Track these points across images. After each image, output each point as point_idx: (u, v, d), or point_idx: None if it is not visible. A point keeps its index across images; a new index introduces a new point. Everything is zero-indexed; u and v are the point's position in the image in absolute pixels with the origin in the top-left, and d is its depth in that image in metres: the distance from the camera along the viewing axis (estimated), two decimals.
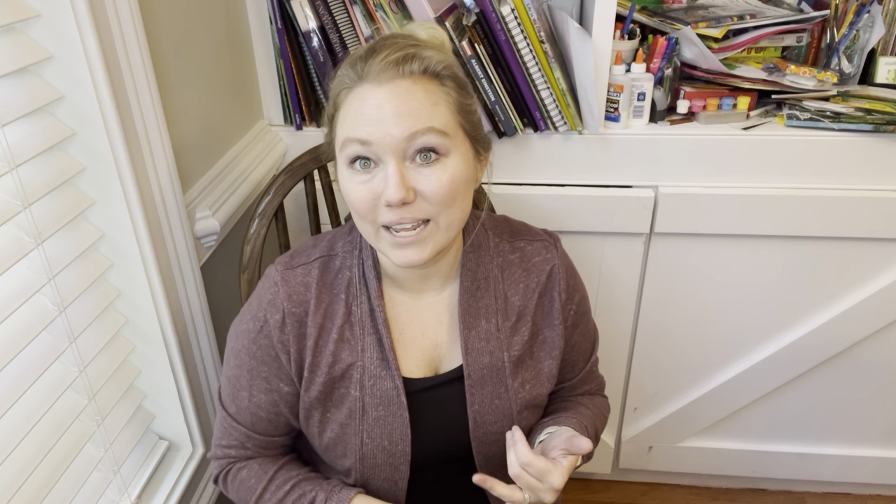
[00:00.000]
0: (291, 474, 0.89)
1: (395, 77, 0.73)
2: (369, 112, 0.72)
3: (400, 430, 0.85)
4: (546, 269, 0.90)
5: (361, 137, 0.72)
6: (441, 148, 0.74)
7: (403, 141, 0.72)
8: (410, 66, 0.73)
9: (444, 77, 0.75)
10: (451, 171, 0.75)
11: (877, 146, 1.29)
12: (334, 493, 0.85)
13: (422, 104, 0.73)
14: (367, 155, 0.74)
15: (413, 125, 0.72)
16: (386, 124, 0.71)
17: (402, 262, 0.77)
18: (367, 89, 0.73)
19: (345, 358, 0.84)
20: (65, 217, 0.85)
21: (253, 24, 1.31)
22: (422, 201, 0.74)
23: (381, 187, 0.73)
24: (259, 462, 0.91)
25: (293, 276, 0.85)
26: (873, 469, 1.67)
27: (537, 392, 0.90)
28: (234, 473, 0.91)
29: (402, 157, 0.73)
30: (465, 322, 0.87)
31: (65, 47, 0.79)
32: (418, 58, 0.73)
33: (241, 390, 0.87)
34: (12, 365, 0.78)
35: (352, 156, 0.74)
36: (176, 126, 1.03)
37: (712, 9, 1.39)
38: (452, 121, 0.75)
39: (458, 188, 0.76)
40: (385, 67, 0.72)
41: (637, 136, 1.31)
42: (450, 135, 0.74)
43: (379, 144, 0.72)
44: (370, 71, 0.73)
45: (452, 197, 0.75)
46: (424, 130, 0.72)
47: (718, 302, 1.47)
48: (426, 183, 0.74)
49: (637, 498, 1.76)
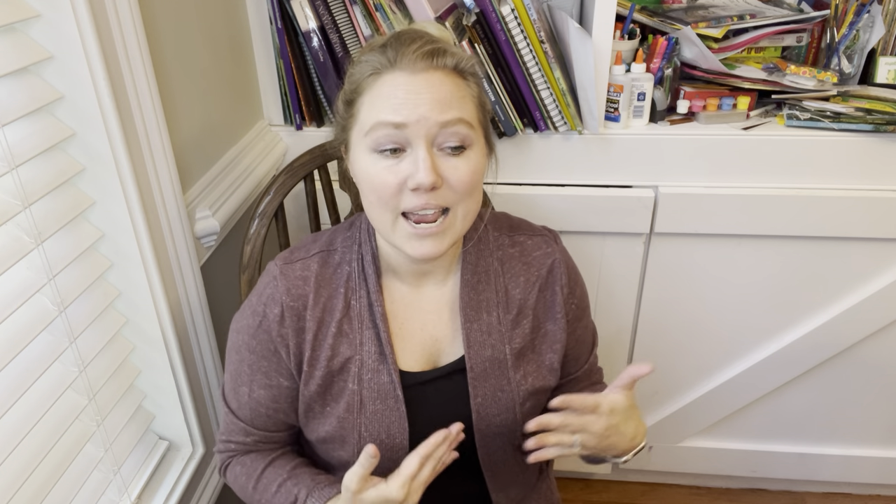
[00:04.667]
0: (279, 472, 0.89)
1: (430, 68, 0.75)
2: (404, 97, 0.74)
3: (398, 424, 0.85)
4: (546, 262, 0.91)
5: (396, 121, 0.73)
6: (467, 139, 0.76)
7: (436, 126, 0.74)
8: (444, 60, 0.75)
9: (468, 74, 0.78)
10: (473, 163, 0.77)
11: (877, 146, 1.29)
12: (315, 491, 0.85)
13: (454, 96, 0.75)
14: (397, 139, 0.74)
15: (447, 114, 0.74)
16: (421, 109, 0.73)
17: (418, 255, 0.78)
18: (400, 76, 0.74)
19: (343, 352, 0.84)
20: (65, 217, 0.85)
21: (253, 24, 1.31)
22: (446, 189, 0.76)
23: (409, 171, 0.74)
24: (252, 458, 0.91)
25: (292, 271, 0.85)
26: (873, 469, 1.67)
27: (539, 385, 0.90)
28: (231, 468, 0.92)
29: (431, 144, 0.75)
30: (467, 315, 0.87)
31: (65, 47, 0.79)
32: (450, 53, 0.76)
33: (241, 385, 0.88)
34: (12, 365, 0.78)
35: (380, 139, 0.75)
36: (176, 126, 1.03)
37: (712, 9, 1.39)
38: (476, 115, 0.78)
39: (477, 179, 0.79)
40: (420, 57, 0.74)
41: (637, 136, 1.31)
42: (475, 127, 0.78)
43: (413, 127, 0.73)
44: (403, 58, 0.74)
45: (473, 187, 0.78)
46: (456, 120, 0.75)
47: (718, 302, 1.47)
48: (453, 171, 0.76)
49: (637, 498, 1.76)
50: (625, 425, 0.83)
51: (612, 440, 0.82)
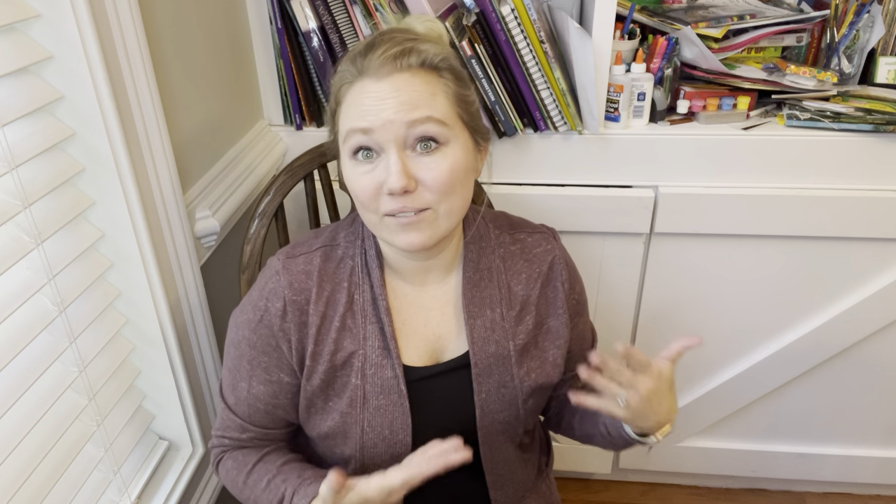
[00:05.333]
0: (269, 468, 0.89)
1: (394, 71, 0.75)
2: (370, 104, 0.74)
3: (401, 419, 0.85)
4: (547, 259, 0.91)
5: (363, 126, 0.74)
6: (440, 137, 0.76)
7: (403, 128, 0.74)
8: (409, 60, 0.75)
9: (442, 69, 0.78)
10: (450, 160, 0.76)
11: (877, 146, 1.29)
12: (301, 488, 0.84)
13: (420, 94, 0.75)
14: (369, 144, 0.76)
15: (412, 114, 0.74)
16: (386, 113, 0.74)
17: (405, 245, 0.78)
18: (367, 83, 0.75)
19: (347, 346, 0.84)
20: (65, 217, 0.85)
21: (253, 24, 1.31)
22: (423, 190, 0.76)
23: (384, 176, 0.75)
24: (244, 453, 0.91)
25: (294, 265, 0.85)
26: (874, 469, 1.67)
27: (543, 381, 0.91)
28: (224, 462, 0.92)
29: (402, 146, 0.75)
30: (470, 312, 0.87)
31: (65, 47, 0.79)
32: (416, 51, 0.76)
33: (240, 381, 0.87)
34: (12, 365, 0.78)
35: (354, 146, 0.76)
36: (176, 126, 1.03)
37: (712, 9, 1.39)
38: (451, 111, 0.77)
39: (457, 177, 0.78)
40: (384, 62, 0.74)
41: (637, 136, 1.31)
42: (448, 124, 0.77)
43: (380, 132, 0.74)
44: (370, 66, 0.75)
45: (452, 185, 0.77)
46: (423, 119, 0.74)
47: (718, 302, 1.47)
48: (427, 171, 0.75)
49: (637, 498, 1.76)
50: (667, 395, 0.82)
51: (654, 406, 0.80)
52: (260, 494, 0.87)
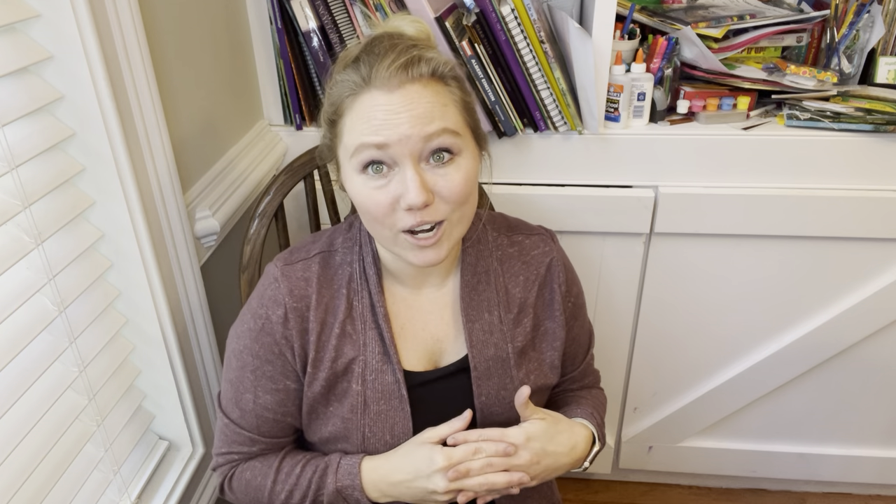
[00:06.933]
0: (297, 458, 0.89)
1: (405, 82, 0.73)
2: (383, 117, 0.72)
3: (402, 424, 0.85)
4: (545, 261, 0.91)
5: (378, 142, 0.72)
6: (454, 147, 0.75)
7: (420, 142, 0.72)
8: (419, 70, 0.73)
9: (449, 77, 0.77)
10: (464, 170, 0.76)
11: (877, 146, 1.29)
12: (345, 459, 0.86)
13: (433, 106, 0.73)
14: (382, 159, 0.74)
15: (429, 127, 0.72)
16: (402, 128, 0.72)
17: (421, 263, 0.78)
18: (376, 95, 0.73)
19: (347, 352, 0.84)
20: (65, 217, 0.85)
21: (253, 24, 1.31)
22: (439, 202, 0.75)
23: (399, 191, 0.74)
24: (260, 460, 0.90)
25: (293, 272, 0.85)
26: (874, 469, 1.67)
27: (541, 382, 0.91)
28: (239, 476, 0.90)
29: (417, 160, 0.74)
30: (468, 315, 0.87)
31: (65, 47, 0.79)
32: (424, 60, 0.74)
33: (245, 393, 0.87)
34: (12, 365, 0.78)
35: (366, 160, 0.74)
36: (176, 126, 1.03)
37: (712, 9, 1.39)
38: (461, 120, 0.77)
39: (471, 185, 0.77)
40: (394, 73, 0.72)
41: (637, 136, 1.31)
42: (461, 134, 0.76)
43: (396, 147, 0.72)
44: (377, 76, 0.73)
45: (467, 195, 0.77)
46: (440, 132, 0.73)
47: (718, 302, 1.47)
48: (444, 183, 0.75)
49: (637, 498, 1.76)
50: (552, 444, 0.84)
51: (547, 463, 0.83)
52: (298, 476, 0.86)
